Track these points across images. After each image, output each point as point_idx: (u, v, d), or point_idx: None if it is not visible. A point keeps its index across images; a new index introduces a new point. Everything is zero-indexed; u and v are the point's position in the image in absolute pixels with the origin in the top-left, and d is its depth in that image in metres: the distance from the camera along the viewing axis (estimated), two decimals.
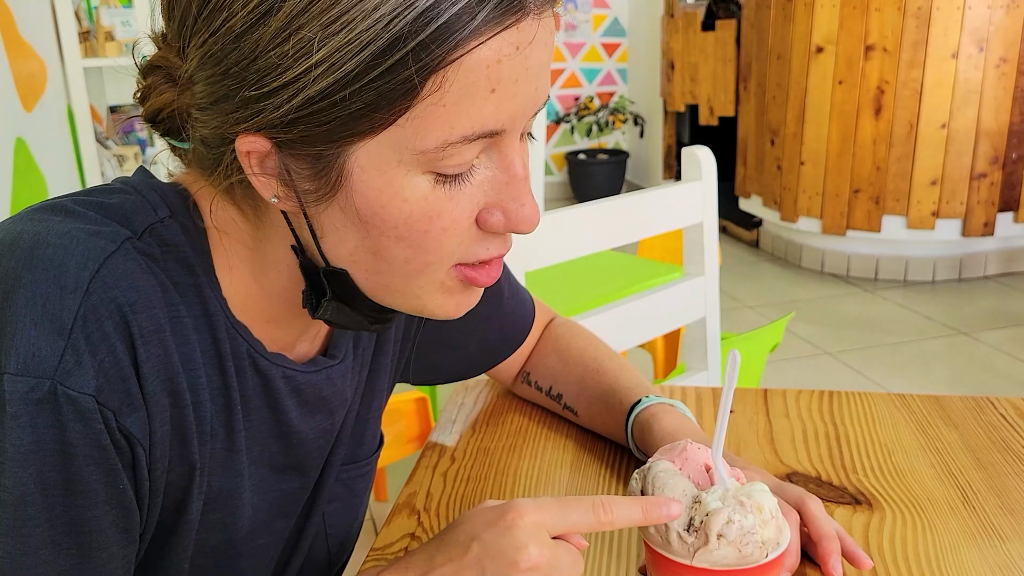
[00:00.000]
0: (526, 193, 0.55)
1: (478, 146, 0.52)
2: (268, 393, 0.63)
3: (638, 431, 0.82)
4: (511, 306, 0.90)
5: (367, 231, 0.53)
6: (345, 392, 0.70)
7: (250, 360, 0.61)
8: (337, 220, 0.53)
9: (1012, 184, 3.64)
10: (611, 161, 5.28)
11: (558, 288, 2.08)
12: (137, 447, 0.53)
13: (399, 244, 0.53)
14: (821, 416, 0.93)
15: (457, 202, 0.53)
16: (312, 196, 0.53)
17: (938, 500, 0.77)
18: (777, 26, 3.89)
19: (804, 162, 3.84)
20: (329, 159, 0.51)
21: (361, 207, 0.52)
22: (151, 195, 0.58)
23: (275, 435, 0.65)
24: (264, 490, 0.66)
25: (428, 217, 0.52)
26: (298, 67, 0.48)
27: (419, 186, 0.52)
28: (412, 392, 1.91)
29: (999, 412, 0.92)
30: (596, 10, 5.33)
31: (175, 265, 0.57)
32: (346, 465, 0.75)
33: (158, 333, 0.54)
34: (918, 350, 3.14)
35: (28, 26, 2.45)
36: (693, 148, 1.33)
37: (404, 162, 0.51)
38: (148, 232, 0.56)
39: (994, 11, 3.41)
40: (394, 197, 0.52)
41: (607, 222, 1.23)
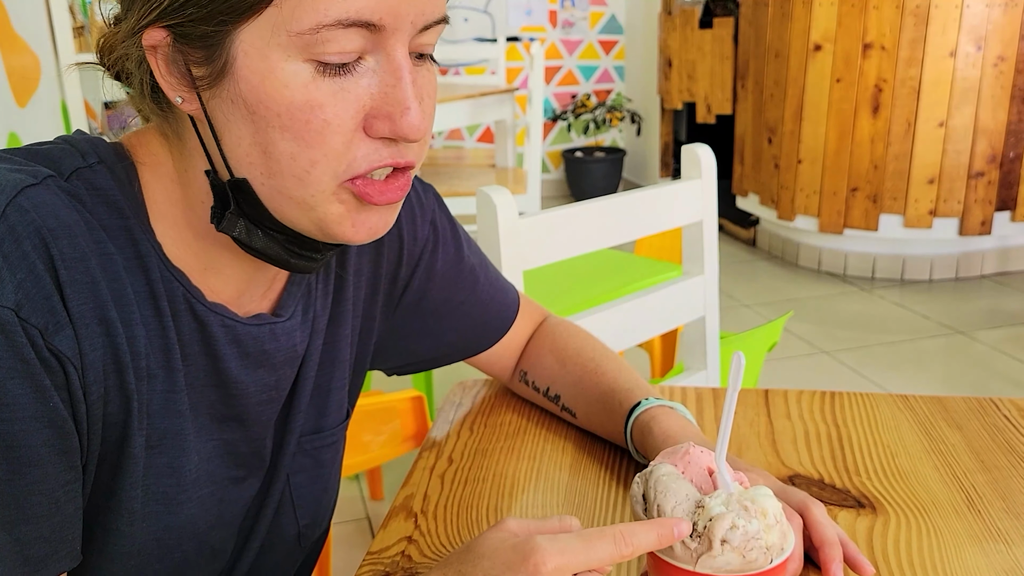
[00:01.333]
0: (410, 96, 0.56)
1: (357, 37, 0.54)
2: (206, 340, 0.64)
3: (638, 433, 0.81)
4: (489, 293, 0.90)
5: (255, 123, 0.55)
6: (290, 351, 0.70)
7: (187, 304, 0.62)
8: (231, 113, 0.55)
9: (1009, 183, 3.63)
10: (608, 159, 5.26)
11: (556, 286, 2.07)
12: (68, 366, 0.54)
13: (284, 135, 0.55)
14: (823, 417, 0.92)
15: (340, 98, 0.55)
16: (205, 83, 0.55)
17: (942, 503, 0.76)
18: (775, 24, 3.88)
19: (801, 160, 3.84)
20: (217, 43, 0.54)
21: (247, 94, 0.54)
22: (82, 145, 0.61)
23: (214, 383, 0.65)
24: (206, 437, 0.66)
25: (309, 106, 0.54)
26: None
27: (300, 73, 0.54)
28: (408, 391, 1.90)
29: (1003, 414, 0.91)
30: (593, 7, 5.31)
31: (104, 208, 0.58)
32: (309, 435, 0.76)
33: (82, 261, 0.55)
34: (915, 349, 3.14)
35: (22, 20, 2.43)
36: (693, 146, 1.32)
37: (283, 45, 0.53)
38: (75, 175, 0.58)
39: (992, 9, 3.40)
40: (275, 82, 0.54)
41: (606, 220, 1.22)
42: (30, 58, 2.50)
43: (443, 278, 0.85)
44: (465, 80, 4.89)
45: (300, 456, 0.75)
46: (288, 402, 0.73)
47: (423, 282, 0.84)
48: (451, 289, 0.86)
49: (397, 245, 0.81)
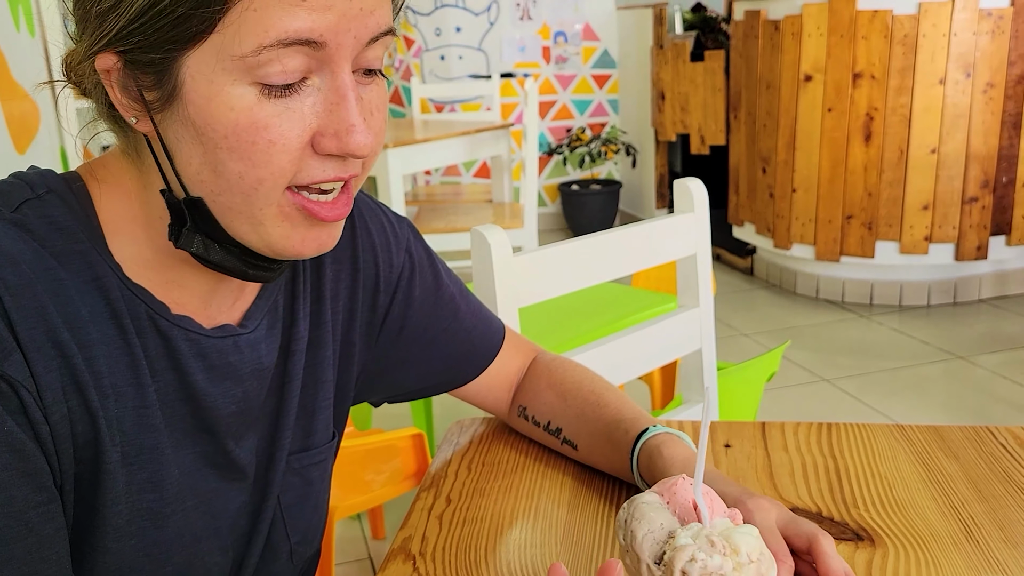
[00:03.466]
0: (354, 114, 0.57)
1: (299, 57, 0.55)
2: (171, 355, 0.65)
3: (644, 460, 0.81)
4: (471, 321, 0.91)
5: (204, 145, 0.56)
6: (255, 362, 0.71)
7: (150, 321, 0.63)
8: (181, 135, 0.57)
9: (1003, 207, 3.66)
10: (604, 191, 5.29)
11: (552, 320, 2.08)
12: (20, 390, 0.55)
13: (231, 156, 0.56)
14: (820, 449, 0.92)
15: (286, 118, 0.56)
16: (156, 107, 0.57)
17: (941, 535, 0.76)
18: (765, 56, 3.93)
19: (796, 189, 3.86)
20: (165, 68, 0.55)
21: (195, 117, 0.56)
22: (32, 178, 0.62)
23: (183, 397, 0.66)
24: (183, 451, 0.67)
25: (255, 127, 0.56)
26: None
27: (245, 96, 0.55)
28: (408, 428, 1.89)
29: (999, 442, 0.92)
30: (586, 43, 5.37)
31: (56, 235, 0.59)
32: (297, 453, 0.77)
33: (28, 287, 0.56)
34: (915, 375, 3.14)
35: (20, 67, 2.46)
36: (685, 180, 1.33)
37: (227, 69, 0.54)
38: (25, 207, 0.60)
39: (979, 37, 3.44)
40: (221, 105, 0.55)
41: (600, 256, 1.23)
42: (29, 105, 2.53)
43: (422, 306, 0.87)
44: (461, 116, 4.93)
45: (289, 474, 0.77)
46: (274, 420, 0.75)
47: (402, 309, 0.85)
48: (431, 317, 0.88)
49: (373, 272, 0.82)
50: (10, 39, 2.31)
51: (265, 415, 0.75)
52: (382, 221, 0.85)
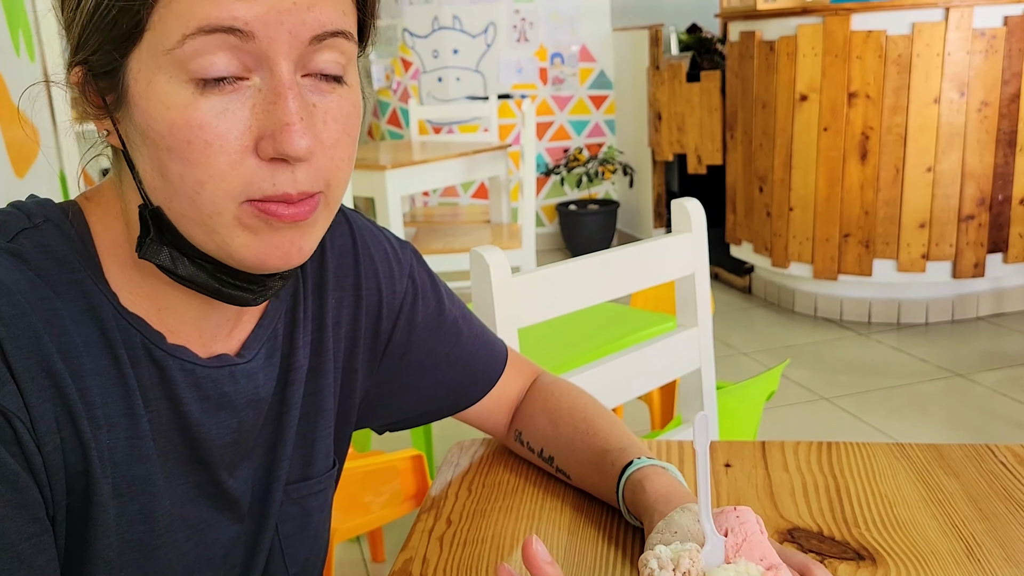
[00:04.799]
0: (293, 113, 0.55)
1: (224, 46, 0.54)
2: (165, 385, 0.64)
3: (629, 493, 0.81)
4: (473, 345, 0.91)
5: (148, 146, 0.57)
6: (252, 392, 0.70)
7: (145, 351, 0.63)
8: (134, 139, 0.58)
9: (1000, 225, 3.67)
10: (602, 211, 5.31)
11: (552, 341, 2.08)
12: (15, 420, 0.54)
13: (171, 156, 0.56)
14: (820, 468, 0.92)
15: (223, 118, 0.55)
16: (114, 111, 0.58)
17: (942, 553, 0.76)
18: (761, 76, 3.95)
19: (793, 208, 3.87)
20: (115, 72, 0.56)
21: (138, 118, 0.56)
22: (29, 207, 0.62)
23: (176, 427, 0.66)
24: (175, 482, 0.67)
25: (189, 126, 0.55)
26: None
27: (180, 93, 0.55)
28: (407, 450, 1.89)
29: (999, 460, 0.92)
30: (583, 64, 5.41)
31: (52, 264, 0.59)
32: (295, 483, 0.76)
33: (23, 317, 0.56)
34: (915, 393, 3.13)
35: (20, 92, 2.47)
36: (682, 200, 1.34)
37: (162, 67, 0.55)
38: (20, 235, 0.60)
39: (973, 56, 3.47)
40: (158, 104, 0.55)
41: (599, 276, 1.23)
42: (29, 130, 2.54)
43: (425, 331, 0.86)
44: (459, 138, 4.95)
45: (287, 504, 0.76)
46: (271, 450, 0.74)
47: (405, 335, 0.85)
48: (434, 342, 0.87)
49: (376, 298, 0.82)
50: (10, 64, 2.32)
51: (261, 445, 0.74)
52: (384, 247, 0.84)
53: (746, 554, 0.58)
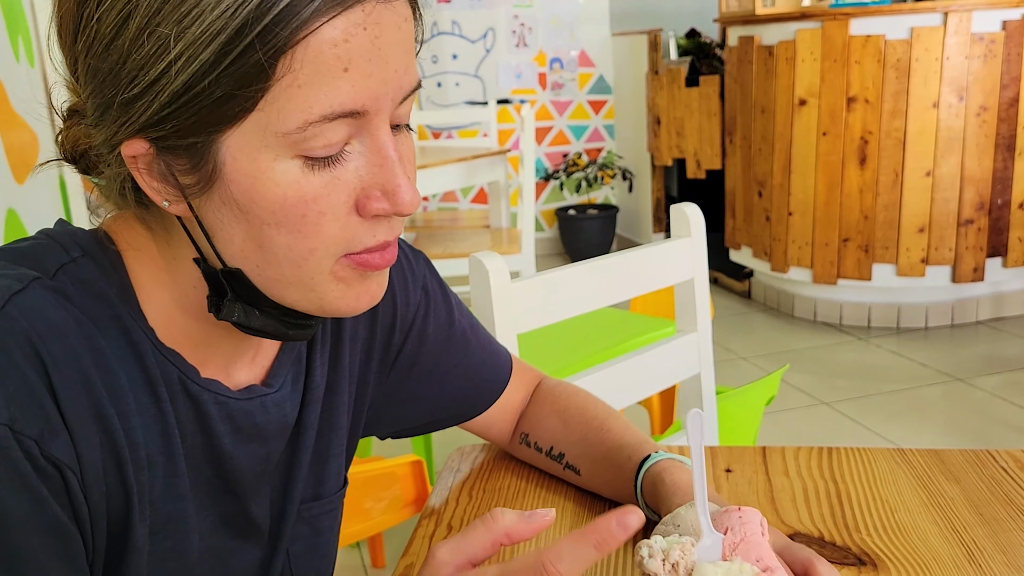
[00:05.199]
0: (399, 174, 0.57)
1: (343, 128, 0.54)
2: (200, 419, 0.64)
3: (648, 486, 0.81)
4: (480, 356, 0.90)
5: (249, 221, 0.55)
6: (281, 421, 0.70)
7: (181, 385, 0.62)
8: (222, 214, 0.56)
9: (999, 229, 3.67)
10: (601, 216, 5.31)
11: (551, 347, 2.08)
12: (67, 471, 0.53)
13: (279, 231, 0.55)
14: (821, 473, 0.92)
15: (332, 187, 0.55)
16: (195, 191, 0.55)
17: (943, 559, 0.75)
18: (760, 80, 3.96)
19: (792, 213, 3.88)
20: (203, 151, 0.54)
21: (238, 196, 0.55)
22: (63, 238, 0.61)
23: (208, 460, 0.66)
24: (203, 513, 0.66)
25: (303, 201, 0.55)
26: (160, 64, 0.51)
27: (289, 170, 0.54)
28: (407, 456, 1.89)
29: (1000, 465, 0.92)
30: (582, 69, 5.41)
31: (91, 300, 0.58)
32: (308, 503, 0.76)
33: (74, 360, 0.55)
34: (914, 397, 3.13)
35: (20, 98, 2.47)
36: (681, 205, 1.34)
37: (270, 146, 0.53)
38: (61, 272, 0.58)
39: (972, 61, 3.48)
40: (267, 182, 0.54)
41: (598, 282, 1.23)
42: (28, 135, 2.54)
43: (435, 342, 0.86)
44: (458, 143, 4.96)
45: (298, 524, 0.76)
46: (287, 472, 0.73)
47: (415, 346, 0.85)
48: (443, 353, 0.87)
49: (391, 311, 0.82)
50: (10, 69, 2.32)
51: (279, 467, 0.73)
52: (399, 257, 0.84)
53: (742, 554, 0.58)
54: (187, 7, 0.50)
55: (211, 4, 0.50)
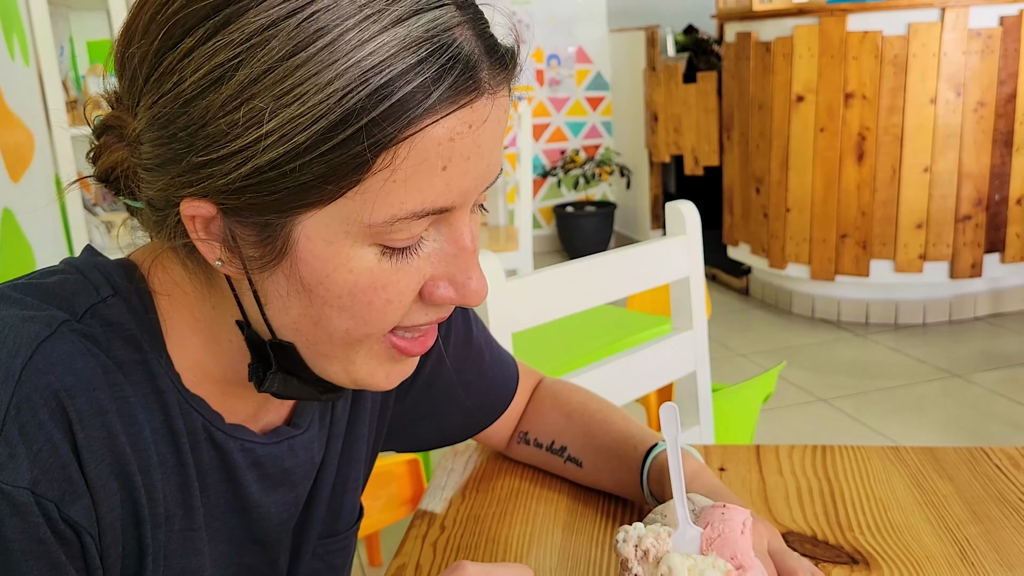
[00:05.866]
0: (474, 266, 0.55)
1: (427, 221, 0.52)
2: (226, 467, 0.62)
3: (656, 473, 0.81)
4: (493, 371, 0.90)
5: (311, 300, 0.53)
6: (309, 463, 0.68)
7: (206, 434, 0.60)
8: (281, 288, 0.53)
9: (997, 225, 3.67)
10: (599, 213, 5.31)
11: (548, 344, 2.08)
12: (84, 535, 0.52)
13: (342, 315, 0.53)
14: (815, 472, 0.92)
15: (403, 274, 0.53)
16: (257, 263, 0.53)
17: (936, 557, 0.75)
18: (757, 77, 3.95)
19: (790, 209, 3.87)
20: (276, 228, 0.51)
21: (306, 276, 0.52)
22: (93, 274, 0.58)
23: (234, 509, 0.63)
24: (225, 564, 0.65)
25: (373, 288, 0.53)
26: (248, 136, 0.48)
27: (365, 257, 0.52)
28: (403, 454, 1.88)
29: (994, 463, 0.91)
30: (579, 65, 5.41)
31: (120, 344, 0.56)
32: (323, 540, 0.74)
33: (100, 416, 0.53)
34: (912, 394, 3.13)
35: (15, 96, 2.47)
36: (676, 203, 1.34)
37: (351, 234, 0.51)
38: (89, 313, 0.55)
39: (969, 57, 3.47)
40: (340, 267, 0.52)
41: (592, 280, 1.23)
42: (24, 134, 2.53)
43: (454, 360, 0.84)
44: None
45: (313, 562, 0.73)
46: (305, 510, 0.71)
47: (435, 367, 0.83)
48: (460, 371, 0.85)
49: None
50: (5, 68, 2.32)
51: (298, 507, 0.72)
52: None
53: (718, 549, 0.59)
54: (290, 84, 0.47)
55: (317, 86, 0.47)
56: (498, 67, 0.52)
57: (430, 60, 0.48)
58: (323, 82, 0.47)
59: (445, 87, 0.49)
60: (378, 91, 0.47)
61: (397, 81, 0.47)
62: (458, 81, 0.49)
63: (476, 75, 0.50)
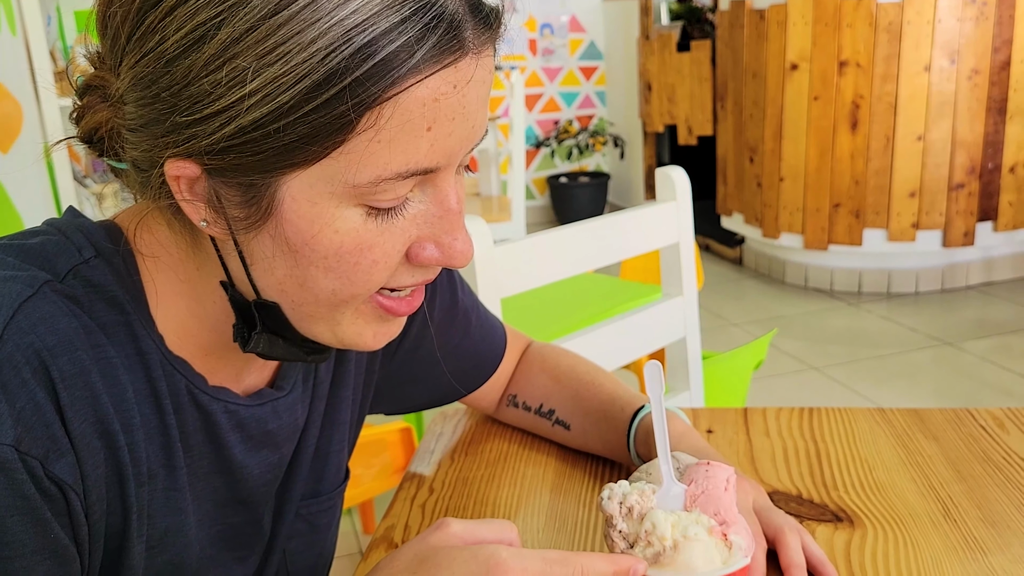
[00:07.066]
0: (460, 227, 0.55)
1: (412, 182, 0.52)
2: (209, 428, 0.62)
3: (642, 434, 0.82)
4: (480, 333, 0.90)
5: (296, 261, 0.53)
6: (292, 425, 0.69)
7: (189, 396, 0.60)
8: (267, 249, 0.53)
9: (990, 194, 3.67)
10: (593, 183, 5.30)
11: (540, 311, 2.08)
12: (70, 492, 0.52)
13: (328, 275, 0.53)
14: (802, 434, 0.93)
15: (389, 235, 0.53)
16: (242, 224, 0.53)
17: (919, 515, 0.76)
18: (751, 45, 3.93)
19: (783, 178, 3.87)
20: (261, 188, 0.51)
21: (291, 237, 0.52)
22: (76, 236, 0.57)
23: (218, 470, 0.64)
24: (209, 524, 0.65)
25: (359, 249, 0.53)
26: (231, 95, 0.48)
27: (351, 218, 0.52)
28: (396, 423, 1.89)
29: (979, 423, 0.92)
30: (572, 35, 5.37)
31: (102, 305, 0.55)
32: (307, 500, 0.74)
33: (82, 376, 0.53)
34: (904, 362, 3.15)
35: (2, 67, 2.45)
36: (666, 169, 1.33)
37: (336, 194, 0.51)
38: (71, 274, 0.55)
39: (964, 24, 3.45)
40: (325, 228, 0.52)
41: (581, 246, 1.23)
42: (12, 104, 2.51)
43: (440, 324, 0.85)
44: None
45: (296, 522, 0.74)
46: (288, 471, 0.72)
47: (420, 330, 0.83)
48: (446, 335, 0.86)
49: None
50: None
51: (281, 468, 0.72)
52: None
53: (702, 506, 0.59)
54: (272, 43, 0.46)
55: (300, 45, 0.46)
56: (482, 26, 0.52)
57: (414, 19, 0.48)
58: (306, 41, 0.46)
59: (429, 46, 0.48)
60: (361, 50, 0.47)
61: (381, 40, 0.47)
62: (442, 40, 0.49)
63: (460, 34, 0.50)
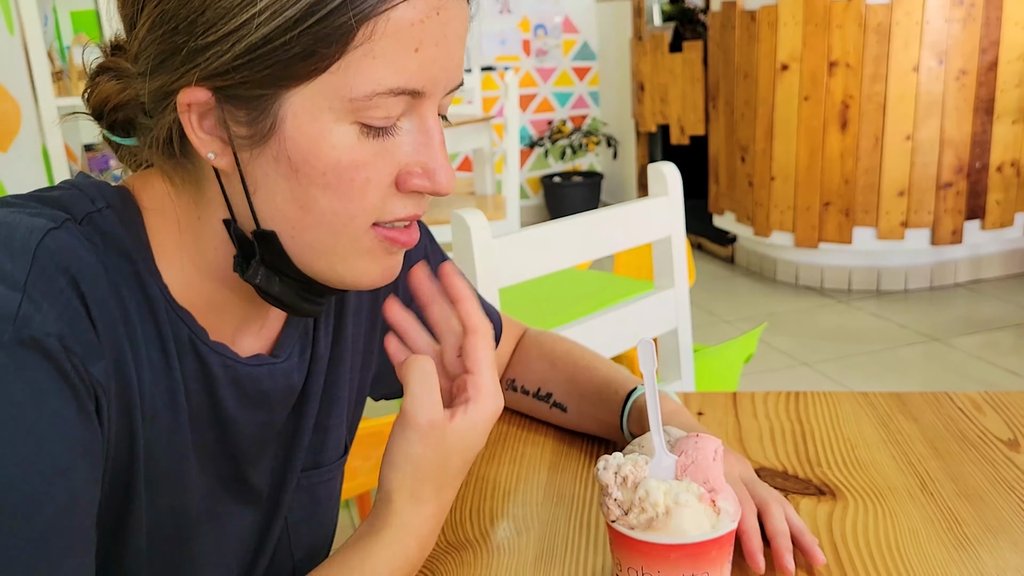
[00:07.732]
0: (443, 156, 0.61)
1: (401, 104, 0.57)
2: (207, 380, 0.65)
3: (635, 414, 0.86)
4: None
5: (297, 179, 0.57)
6: (287, 389, 0.71)
7: (191, 345, 0.63)
8: (269, 169, 0.57)
9: (977, 192, 3.72)
10: (586, 183, 5.34)
11: (536, 307, 2.11)
12: (102, 395, 0.55)
13: (326, 193, 0.58)
14: (788, 415, 0.96)
15: (381, 156, 0.58)
16: (246, 143, 0.57)
17: (898, 488, 0.80)
18: (742, 46, 3.97)
19: (774, 177, 3.91)
20: (266, 105, 0.56)
21: (292, 153, 0.57)
22: (90, 189, 0.61)
23: (211, 423, 0.67)
24: (203, 475, 0.68)
25: (354, 166, 0.57)
26: (243, 15, 0.53)
27: (347, 135, 0.57)
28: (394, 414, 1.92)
29: (957, 405, 0.96)
30: (566, 35, 5.41)
31: (113, 254, 0.59)
32: (307, 471, 0.77)
33: (104, 303, 0.56)
34: (893, 358, 3.19)
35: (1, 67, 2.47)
36: (658, 164, 1.37)
37: (334, 109, 0.56)
38: (86, 220, 0.59)
39: (952, 25, 3.50)
40: (323, 143, 0.56)
41: (576, 239, 1.27)
42: (10, 104, 2.54)
43: None
44: None
45: (297, 492, 0.77)
46: (290, 441, 0.74)
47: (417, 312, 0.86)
48: None
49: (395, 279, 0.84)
50: None
51: (282, 436, 0.74)
52: None
53: (691, 475, 0.63)
54: None
55: None
56: None
57: None
58: None
59: None
60: None
61: None
62: None
63: None
